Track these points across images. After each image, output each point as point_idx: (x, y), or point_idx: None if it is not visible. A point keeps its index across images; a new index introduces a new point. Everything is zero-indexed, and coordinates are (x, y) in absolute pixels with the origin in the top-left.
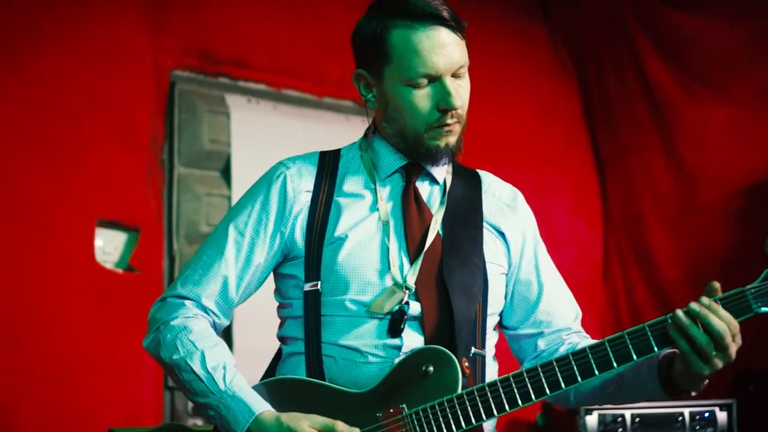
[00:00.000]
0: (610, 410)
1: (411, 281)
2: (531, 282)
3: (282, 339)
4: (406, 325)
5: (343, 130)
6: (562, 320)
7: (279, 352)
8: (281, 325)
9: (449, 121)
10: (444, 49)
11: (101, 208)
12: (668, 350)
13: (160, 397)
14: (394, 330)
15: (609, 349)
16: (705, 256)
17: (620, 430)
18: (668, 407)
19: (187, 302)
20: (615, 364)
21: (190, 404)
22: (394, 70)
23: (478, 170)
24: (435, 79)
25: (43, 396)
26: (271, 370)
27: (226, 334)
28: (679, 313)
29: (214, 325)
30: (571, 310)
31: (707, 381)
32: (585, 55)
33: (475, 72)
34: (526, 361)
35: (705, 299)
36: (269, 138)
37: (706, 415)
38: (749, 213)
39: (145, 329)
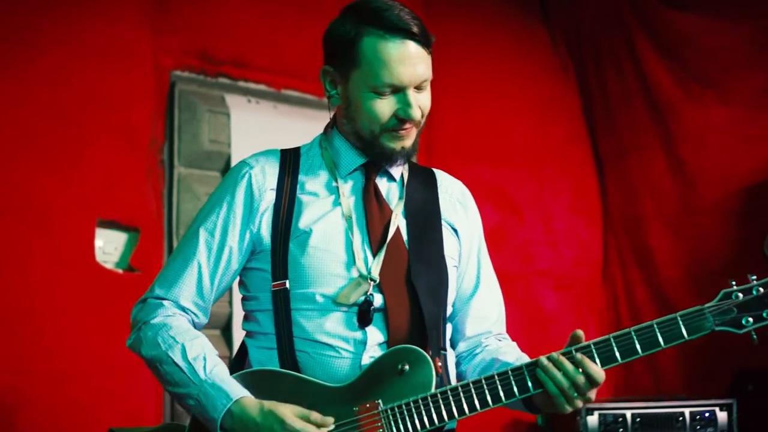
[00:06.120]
0: (611, 410)
1: (375, 273)
2: (470, 277)
3: (249, 333)
4: (373, 316)
5: None
6: (486, 323)
7: (243, 346)
8: (247, 319)
9: (405, 126)
10: (411, 61)
11: (101, 208)
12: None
13: (160, 397)
14: (363, 320)
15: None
16: (705, 256)
17: (621, 429)
18: (668, 407)
19: (165, 302)
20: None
21: None
22: (361, 75)
23: (432, 168)
24: (398, 90)
25: (43, 396)
26: (237, 364)
27: (227, 335)
28: (544, 361)
29: (194, 324)
30: (495, 311)
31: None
32: (585, 55)
33: (476, 72)
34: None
35: (554, 354)
36: (269, 138)
37: (707, 415)
38: (749, 213)
39: None
